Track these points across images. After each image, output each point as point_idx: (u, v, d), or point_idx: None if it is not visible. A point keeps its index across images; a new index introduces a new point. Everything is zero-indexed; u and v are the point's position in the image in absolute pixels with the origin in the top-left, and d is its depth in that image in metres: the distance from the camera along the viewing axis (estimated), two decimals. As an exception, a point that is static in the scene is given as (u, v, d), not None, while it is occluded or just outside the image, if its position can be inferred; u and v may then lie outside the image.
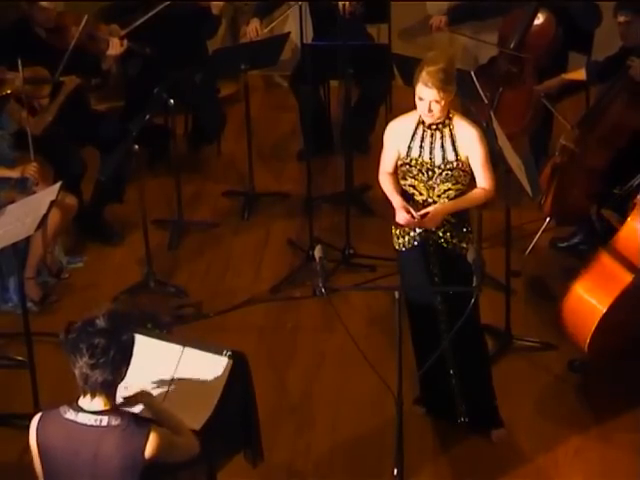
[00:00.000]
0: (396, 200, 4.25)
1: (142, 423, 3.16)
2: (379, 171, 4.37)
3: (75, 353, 3.12)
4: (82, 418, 3.15)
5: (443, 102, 4.11)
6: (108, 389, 3.15)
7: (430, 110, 4.12)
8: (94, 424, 3.13)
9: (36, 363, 4.48)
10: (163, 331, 4.90)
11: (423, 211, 4.20)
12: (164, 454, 3.18)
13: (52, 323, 5.04)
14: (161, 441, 3.14)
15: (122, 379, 3.21)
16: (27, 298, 4.84)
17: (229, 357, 3.65)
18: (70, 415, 3.16)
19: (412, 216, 4.18)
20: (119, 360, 3.11)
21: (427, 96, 4.09)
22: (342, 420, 4.65)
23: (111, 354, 3.09)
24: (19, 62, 5.21)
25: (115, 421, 3.14)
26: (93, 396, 3.15)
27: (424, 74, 4.08)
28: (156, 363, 3.63)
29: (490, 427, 4.53)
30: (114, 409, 3.18)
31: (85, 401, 3.18)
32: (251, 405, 3.94)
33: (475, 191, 4.27)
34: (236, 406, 3.79)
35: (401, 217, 4.20)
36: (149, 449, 3.13)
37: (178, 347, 3.68)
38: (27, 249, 5.22)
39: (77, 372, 3.14)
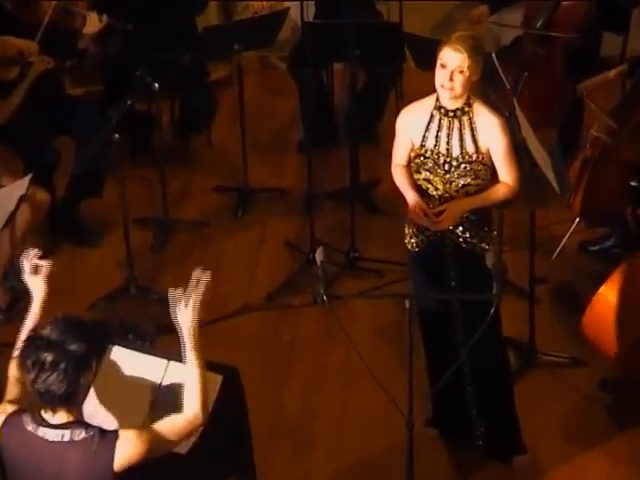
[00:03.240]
0: (410, 195, 4.25)
1: (108, 434, 3.19)
2: (392, 163, 4.38)
3: (23, 369, 3.18)
4: (43, 433, 3.19)
5: (467, 74, 4.10)
6: (68, 401, 3.19)
7: (451, 79, 4.11)
8: (56, 439, 3.18)
9: (2, 377, 4.47)
10: (145, 343, 4.92)
11: (438, 208, 4.21)
12: (140, 458, 3.21)
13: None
14: (132, 450, 3.18)
15: (87, 385, 3.24)
16: (-8, 305, 4.84)
17: (220, 372, 3.65)
18: (31, 428, 3.21)
19: (427, 216, 4.19)
20: (72, 371, 3.15)
21: (453, 62, 4.09)
22: (345, 443, 4.66)
23: (62, 367, 3.13)
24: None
25: (79, 435, 3.18)
26: (54, 412, 3.20)
27: (454, 37, 4.12)
28: (137, 378, 3.63)
29: (511, 452, 4.52)
30: (78, 420, 3.21)
31: (47, 415, 3.22)
32: (244, 425, 3.96)
33: (497, 187, 4.28)
34: (227, 426, 3.80)
35: (415, 216, 4.21)
36: (118, 462, 3.17)
37: (162, 361, 3.67)
38: (-8, 250, 5.23)
39: (30, 388, 3.19)
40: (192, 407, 3.32)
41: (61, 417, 3.20)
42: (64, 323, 3.21)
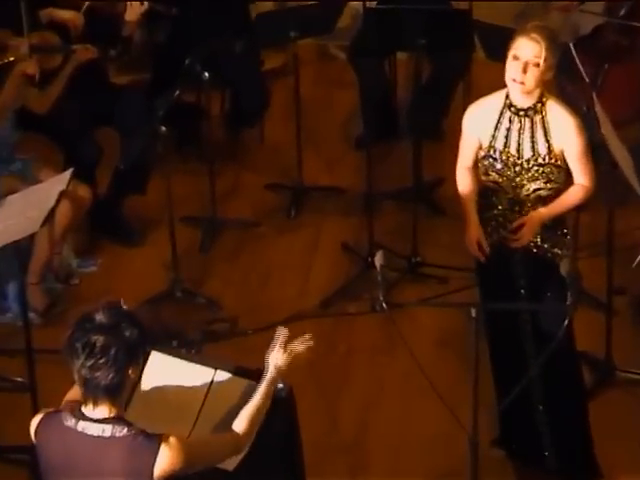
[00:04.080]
0: (469, 219, 4.28)
1: (153, 436, 3.21)
2: (457, 165, 4.39)
3: (71, 354, 3.20)
4: (83, 426, 3.21)
5: (542, 68, 4.09)
6: (112, 394, 3.20)
7: (524, 71, 4.09)
8: (95, 434, 3.20)
9: (38, 385, 4.51)
10: (191, 351, 4.93)
11: (517, 222, 4.22)
12: (180, 470, 3.22)
13: (58, 338, 5.03)
14: (175, 457, 3.19)
15: (133, 382, 3.28)
16: (29, 307, 4.86)
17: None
18: (70, 422, 3.23)
19: (482, 249, 4.24)
20: (123, 359, 3.17)
21: (528, 53, 4.08)
22: (403, 462, 4.65)
23: (112, 352, 3.15)
24: (24, 25, 5.25)
25: (120, 432, 3.19)
26: (95, 404, 3.21)
27: (529, 26, 4.12)
28: (182, 388, 3.65)
29: (586, 476, 4.50)
30: (120, 417, 3.23)
31: (87, 409, 3.24)
32: (295, 442, 3.95)
33: (572, 190, 4.28)
34: (276, 443, 3.79)
35: (471, 249, 4.27)
36: (159, 468, 3.18)
37: (209, 370, 3.70)
38: (31, 249, 5.26)
39: (76, 376, 3.21)
40: (238, 428, 3.41)
41: (102, 411, 3.21)
42: (116, 310, 3.24)
